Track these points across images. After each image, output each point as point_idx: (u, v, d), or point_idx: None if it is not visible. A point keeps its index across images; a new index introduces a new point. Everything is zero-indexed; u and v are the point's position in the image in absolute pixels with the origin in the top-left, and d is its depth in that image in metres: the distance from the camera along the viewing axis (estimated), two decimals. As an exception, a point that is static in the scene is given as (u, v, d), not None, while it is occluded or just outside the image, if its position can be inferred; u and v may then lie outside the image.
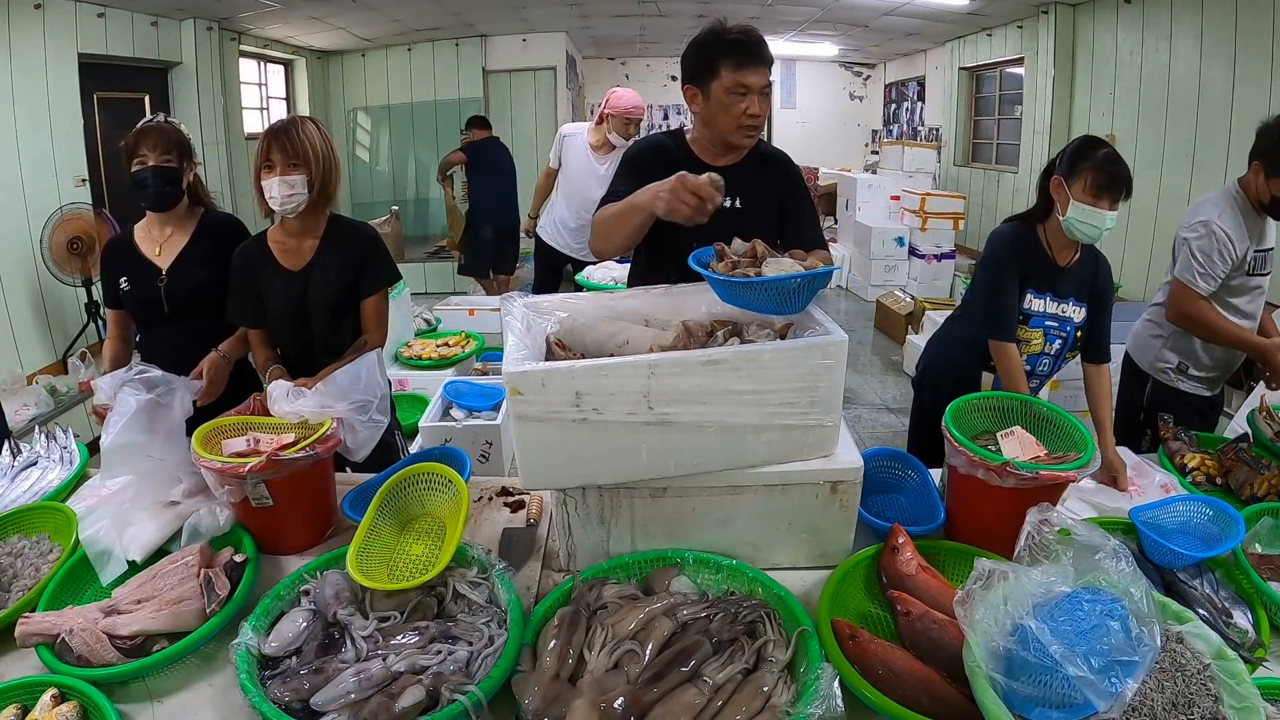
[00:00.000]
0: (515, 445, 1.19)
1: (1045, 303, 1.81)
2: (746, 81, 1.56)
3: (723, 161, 1.70)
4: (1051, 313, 1.81)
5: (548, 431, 1.15)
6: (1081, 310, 1.83)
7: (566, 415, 1.14)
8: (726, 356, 1.16)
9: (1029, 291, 1.80)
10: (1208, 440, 1.80)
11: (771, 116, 11.46)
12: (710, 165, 1.70)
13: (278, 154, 1.66)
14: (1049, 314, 1.81)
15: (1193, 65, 4.47)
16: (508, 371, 1.13)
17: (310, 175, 1.68)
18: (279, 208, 1.68)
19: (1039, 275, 1.80)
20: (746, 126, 1.60)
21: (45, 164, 4.11)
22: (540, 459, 1.19)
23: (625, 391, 1.14)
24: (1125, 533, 1.28)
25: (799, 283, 1.24)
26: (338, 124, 7.79)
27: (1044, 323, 1.81)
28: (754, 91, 1.57)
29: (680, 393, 1.15)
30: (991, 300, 1.80)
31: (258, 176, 1.69)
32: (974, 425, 1.45)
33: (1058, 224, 1.74)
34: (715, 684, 0.99)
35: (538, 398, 1.13)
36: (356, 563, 1.16)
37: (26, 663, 1.14)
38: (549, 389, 1.12)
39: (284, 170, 1.66)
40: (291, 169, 1.66)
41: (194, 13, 5.23)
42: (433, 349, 3.59)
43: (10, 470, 1.66)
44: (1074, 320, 1.82)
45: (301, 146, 1.66)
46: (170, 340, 1.88)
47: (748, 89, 1.57)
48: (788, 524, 1.28)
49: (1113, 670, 0.83)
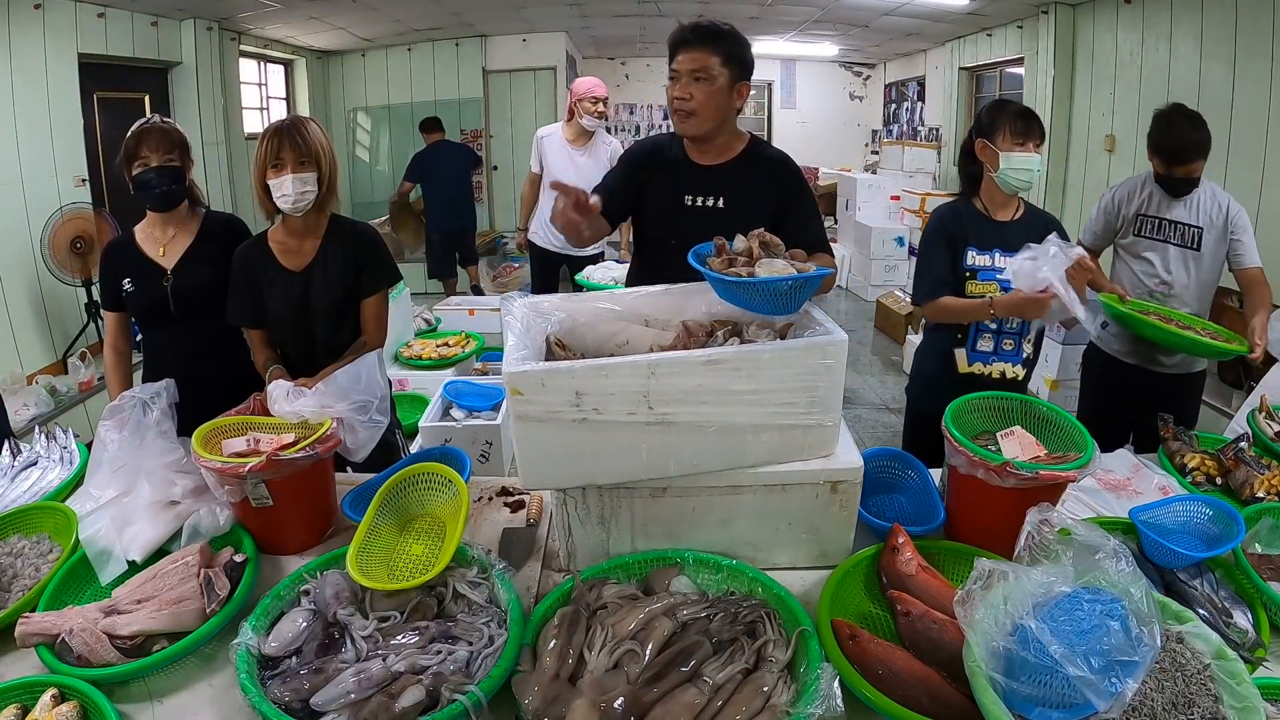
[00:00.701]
0: (515, 445, 1.19)
1: (994, 258, 1.87)
2: (676, 65, 1.64)
3: (710, 161, 1.71)
4: (1000, 266, 1.86)
5: (548, 431, 1.15)
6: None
7: (566, 415, 1.14)
8: (726, 356, 1.17)
9: (971, 250, 1.89)
10: (1208, 440, 1.80)
11: (771, 116, 11.47)
12: (698, 165, 1.71)
13: (289, 152, 1.65)
14: (998, 267, 1.86)
15: (1193, 65, 4.46)
16: (508, 371, 1.13)
17: (320, 173, 1.69)
18: (290, 206, 1.68)
19: (979, 235, 1.89)
20: (676, 111, 1.67)
21: (45, 164, 4.11)
22: (540, 459, 1.19)
23: (625, 391, 1.14)
24: (1125, 533, 1.28)
25: (790, 285, 1.25)
26: (338, 124, 7.79)
27: (994, 275, 1.86)
28: (683, 75, 1.64)
29: (680, 393, 1.16)
30: (917, 274, 1.96)
31: (262, 176, 1.68)
32: (974, 425, 1.45)
33: (991, 186, 1.88)
34: (715, 684, 0.99)
35: (538, 398, 1.13)
36: (356, 563, 1.16)
37: (26, 663, 1.14)
38: (549, 389, 1.13)
39: (295, 168, 1.66)
40: (302, 167, 1.66)
41: (194, 13, 5.23)
42: (433, 349, 3.59)
43: (10, 470, 1.66)
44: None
45: (312, 144, 1.68)
46: (174, 340, 1.89)
47: (678, 73, 1.64)
48: (788, 524, 1.28)
49: (1113, 670, 0.83)
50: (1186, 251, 2.26)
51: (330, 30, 6.56)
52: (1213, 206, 2.23)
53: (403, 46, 7.39)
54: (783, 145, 8.52)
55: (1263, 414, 1.80)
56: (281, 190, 1.66)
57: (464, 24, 6.87)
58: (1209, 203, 2.23)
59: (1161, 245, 2.28)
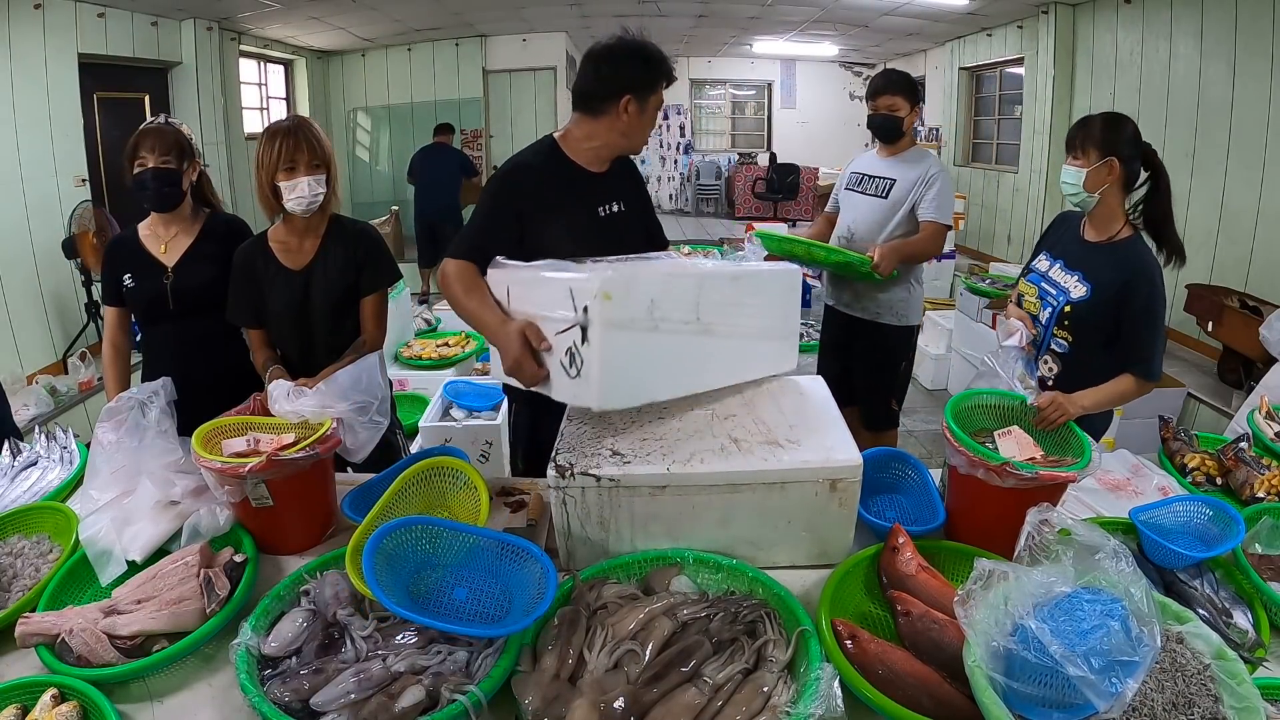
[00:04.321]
0: (598, 361, 1.27)
1: (1051, 266, 1.81)
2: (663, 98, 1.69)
3: (600, 168, 1.71)
4: (1052, 277, 1.80)
5: (627, 339, 1.29)
6: (1083, 289, 1.73)
7: (641, 323, 1.30)
8: (745, 273, 1.52)
9: (1043, 253, 1.87)
10: (1208, 440, 1.80)
11: (771, 116, 11.50)
12: (597, 174, 1.70)
13: (303, 154, 1.66)
14: (1049, 277, 1.81)
15: (1193, 65, 4.46)
16: (601, 278, 1.25)
17: (329, 174, 1.71)
18: (304, 208, 1.69)
19: (1060, 245, 1.84)
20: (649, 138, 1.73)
21: (45, 164, 4.12)
22: (619, 371, 1.30)
23: (683, 301, 1.36)
24: (1125, 533, 1.28)
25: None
26: (338, 124, 7.80)
27: (1039, 281, 1.83)
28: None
29: (715, 304, 1.40)
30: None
31: (271, 177, 1.67)
32: (973, 423, 1.45)
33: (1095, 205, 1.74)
34: (715, 684, 0.99)
35: (623, 303, 1.27)
36: (354, 564, 1.16)
37: (26, 663, 1.14)
38: (631, 297, 1.28)
39: (309, 170, 1.67)
40: (315, 169, 1.68)
41: (194, 13, 5.23)
42: (433, 349, 3.59)
43: (10, 470, 1.66)
44: (1070, 293, 1.74)
45: (325, 146, 1.70)
46: (173, 337, 1.89)
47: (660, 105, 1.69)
48: (787, 522, 1.28)
49: (1113, 670, 0.83)
50: (858, 195, 2.61)
51: (330, 30, 6.56)
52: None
53: (403, 46, 7.40)
54: (783, 145, 8.55)
55: (1263, 414, 1.80)
56: (297, 192, 1.67)
57: (464, 24, 6.88)
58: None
59: (849, 193, 2.66)
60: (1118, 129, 1.64)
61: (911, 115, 2.49)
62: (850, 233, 2.59)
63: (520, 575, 1.15)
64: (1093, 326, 1.70)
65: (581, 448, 1.30)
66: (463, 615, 1.11)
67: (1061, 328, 1.75)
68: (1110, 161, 1.63)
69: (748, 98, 11.72)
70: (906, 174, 2.48)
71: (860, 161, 2.69)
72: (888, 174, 2.53)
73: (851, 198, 2.63)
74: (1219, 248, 4.20)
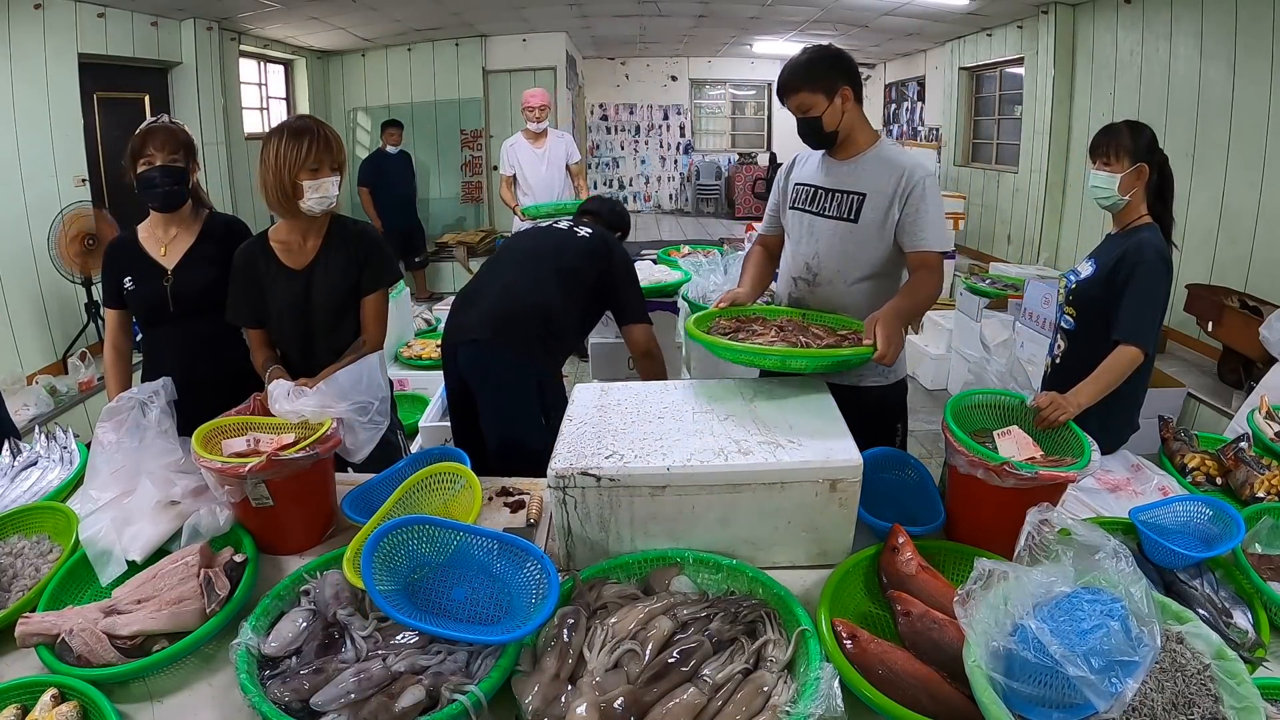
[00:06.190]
0: None
1: (1085, 263, 1.93)
2: None
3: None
4: (1076, 268, 1.96)
5: None
6: (1089, 266, 1.89)
7: None
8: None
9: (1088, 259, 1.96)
10: (1208, 440, 1.80)
11: (771, 116, 11.49)
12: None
13: (325, 155, 1.68)
14: (1079, 271, 1.93)
15: (1193, 65, 4.46)
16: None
17: (343, 174, 1.74)
18: (325, 207, 1.71)
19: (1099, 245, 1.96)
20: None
21: (45, 164, 4.11)
22: None
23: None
24: (1125, 533, 1.28)
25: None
26: (338, 124, 7.77)
27: (1072, 277, 1.95)
28: None
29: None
30: None
31: (295, 176, 1.66)
32: (973, 423, 1.45)
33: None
34: (715, 684, 0.99)
35: None
36: (353, 564, 1.16)
37: (26, 663, 1.14)
38: None
39: (331, 171, 1.69)
40: (332, 170, 1.70)
41: (194, 13, 5.23)
42: (433, 349, 3.59)
43: (10, 470, 1.66)
44: (1080, 273, 1.91)
45: (341, 147, 1.73)
46: (174, 339, 1.89)
47: None
48: (787, 522, 1.28)
49: (1113, 670, 0.83)
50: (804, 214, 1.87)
51: (330, 30, 6.56)
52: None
53: (403, 46, 7.39)
54: (782, 145, 8.54)
55: (1262, 414, 1.80)
56: (321, 192, 1.68)
57: (464, 24, 6.87)
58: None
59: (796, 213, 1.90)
60: (1144, 137, 1.80)
61: (841, 105, 1.73)
62: (812, 272, 1.85)
63: (520, 575, 1.15)
64: (1092, 300, 1.83)
65: (581, 448, 1.30)
66: (461, 615, 1.11)
67: (1069, 304, 1.91)
68: (1140, 167, 1.78)
69: (748, 98, 11.73)
70: (877, 184, 1.75)
71: (807, 168, 1.90)
72: (853, 187, 1.78)
73: (804, 220, 1.86)
74: (1219, 248, 4.19)
